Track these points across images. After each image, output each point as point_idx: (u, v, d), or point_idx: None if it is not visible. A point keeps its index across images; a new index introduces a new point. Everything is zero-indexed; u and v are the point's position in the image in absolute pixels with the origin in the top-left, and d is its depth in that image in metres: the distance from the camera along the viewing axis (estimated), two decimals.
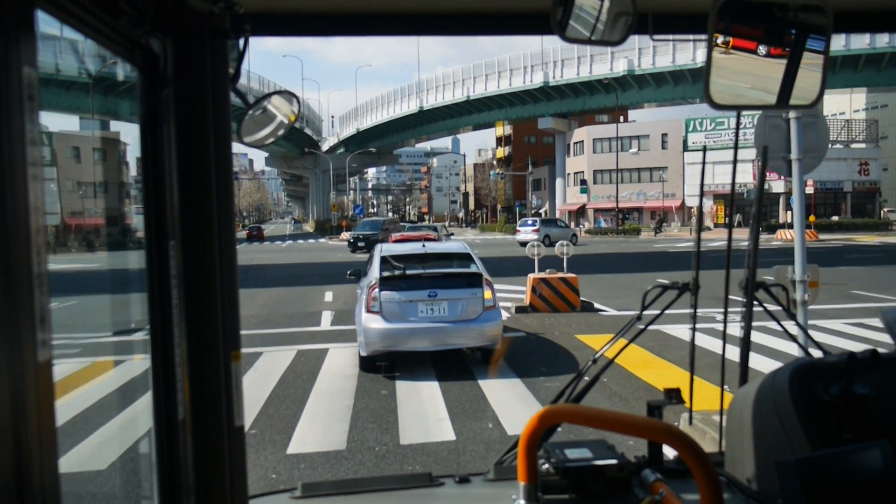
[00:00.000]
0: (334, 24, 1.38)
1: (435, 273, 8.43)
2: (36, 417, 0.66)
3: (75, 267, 22.46)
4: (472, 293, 8.29)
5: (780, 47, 1.19)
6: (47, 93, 33.27)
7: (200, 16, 1.09)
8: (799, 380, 1.36)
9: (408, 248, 9.64)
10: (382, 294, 8.15)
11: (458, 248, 9.72)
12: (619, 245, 38.26)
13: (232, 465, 1.14)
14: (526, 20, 1.39)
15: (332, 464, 5.40)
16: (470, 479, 1.56)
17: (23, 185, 0.66)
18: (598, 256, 27.71)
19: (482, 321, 8.22)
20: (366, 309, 8.23)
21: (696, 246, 1.95)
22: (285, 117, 1.32)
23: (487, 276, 8.65)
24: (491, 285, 8.57)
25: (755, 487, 1.43)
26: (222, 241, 1.12)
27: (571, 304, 13.22)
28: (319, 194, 79.42)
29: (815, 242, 36.12)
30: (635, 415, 1.13)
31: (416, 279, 8.27)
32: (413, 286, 8.22)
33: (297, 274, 23.72)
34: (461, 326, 8.17)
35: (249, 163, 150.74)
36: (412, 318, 8.13)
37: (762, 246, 8.39)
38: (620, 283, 18.05)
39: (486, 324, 8.23)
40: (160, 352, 1.08)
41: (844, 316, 11.88)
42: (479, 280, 8.41)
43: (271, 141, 1.35)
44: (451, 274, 8.51)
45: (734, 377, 1.82)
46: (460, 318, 8.20)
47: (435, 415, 6.66)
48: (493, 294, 8.51)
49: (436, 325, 8.14)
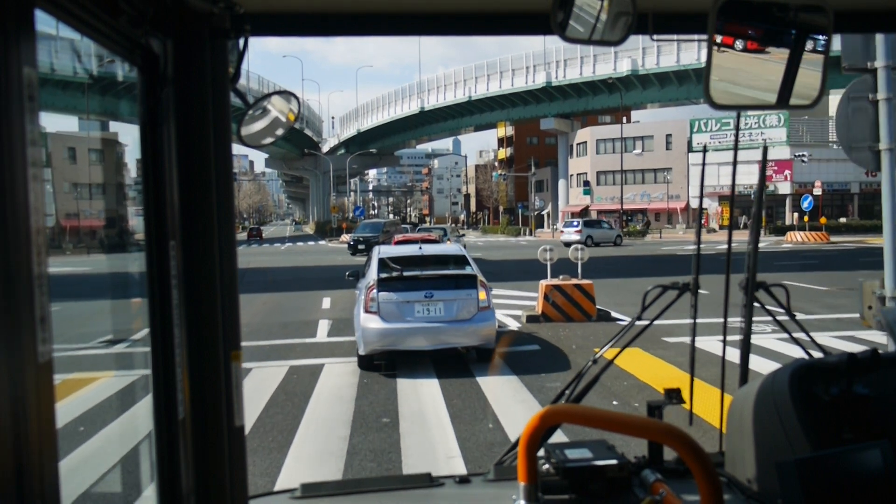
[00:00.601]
0: (334, 24, 1.39)
1: (431, 275, 8.72)
2: (36, 418, 0.67)
3: (73, 270, 21.98)
4: (466, 294, 8.59)
5: (780, 47, 1.21)
6: (44, 93, 33.37)
7: (200, 16, 1.10)
8: (799, 380, 1.37)
9: (405, 250, 10.08)
10: (380, 295, 8.44)
11: (453, 250, 10.27)
12: (625, 248, 37.56)
13: (232, 465, 1.15)
14: (526, 20, 1.40)
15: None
16: (470, 480, 1.58)
17: (23, 186, 0.67)
18: (606, 260, 26.90)
19: (477, 321, 8.52)
20: (364, 309, 8.49)
21: (696, 247, 1.97)
22: (285, 117, 1.34)
23: (482, 277, 8.97)
24: (486, 286, 8.88)
25: (755, 487, 1.44)
26: (222, 242, 1.13)
27: (587, 312, 12.43)
28: (320, 196, 79.38)
29: (826, 245, 35.74)
30: (635, 415, 1.14)
31: (412, 280, 8.58)
32: (410, 287, 8.53)
33: (295, 278, 23.09)
34: (456, 326, 8.46)
35: (250, 164, 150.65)
36: (409, 318, 8.41)
37: (774, 249, 8.19)
38: (633, 288, 16.73)
39: (480, 324, 8.53)
40: (160, 352, 1.10)
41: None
42: (473, 281, 8.73)
43: (271, 141, 1.36)
44: (446, 275, 8.82)
45: (734, 377, 1.85)
46: (456, 318, 8.49)
47: (445, 450, 5.93)
48: (488, 295, 8.83)
49: (432, 325, 8.42)
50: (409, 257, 9.33)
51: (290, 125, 1.36)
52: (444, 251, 10.43)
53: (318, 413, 7.20)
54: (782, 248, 32.78)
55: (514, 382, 8.07)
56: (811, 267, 22.45)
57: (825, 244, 36.29)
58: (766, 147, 1.95)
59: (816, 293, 15.79)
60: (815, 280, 17.98)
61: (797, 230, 40.92)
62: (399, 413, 7.06)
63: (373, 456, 5.84)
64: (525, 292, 15.62)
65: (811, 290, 16.21)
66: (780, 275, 18.32)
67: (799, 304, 13.58)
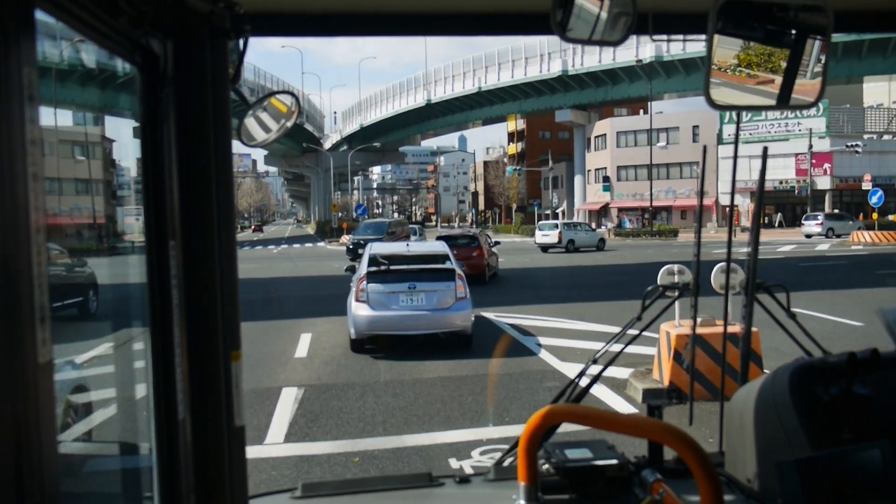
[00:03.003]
0: (334, 24, 1.45)
1: (414, 269, 10.36)
2: (36, 418, 0.70)
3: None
4: (445, 286, 10.17)
5: (780, 47, 1.28)
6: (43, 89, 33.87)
7: (200, 16, 1.14)
8: (799, 380, 1.43)
9: (393, 247, 11.88)
10: (369, 286, 10.02)
11: (437, 248, 11.86)
12: (663, 249, 32.56)
13: (232, 465, 1.19)
14: (526, 20, 1.47)
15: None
16: (470, 480, 1.65)
17: (23, 185, 0.70)
18: (644, 268, 20.47)
19: (454, 310, 10.12)
20: (355, 298, 10.11)
21: (696, 247, 2.05)
22: (285, 117, 1.42)
23: (460, 271, 10.56)
24: (463, 279, 10.44)
25: (755, 487, 1.50)
26: (222, 241, 1.18)
27: (745, 380, 7.08)
28: (321, 194, 78.76)
29: (893, 246, 32.44)
30: (635, 415, 1.21)
31: (398, 273, 10.19)
32: (396, 279, 10.12)
33: (271, 297, 17.77)
34: (436, 314, 10.05)
35: (253, 163, 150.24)
36: (394, 307, 10.00)
37: (844, 252, 7.96)
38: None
39: (458, 312, 10.15)
40: (160, 352, 1.14)
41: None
42: (452, 275, 10.35)
43: (271, 141, 1.44)
44: (427, 269, 10.42)
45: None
46: (436, 307, 10.07)
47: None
48: (465, 287, 10.35)
49: (414, 313, 10.03)
50: (397, 255, 10.91)
51: (291, 126, 1.44)
52: (429, 249, 11.95)
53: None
54: (852, 252, 28.93)
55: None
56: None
57: (892, 245, 32.76)
58: (765, 149, 2.03)
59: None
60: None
61: (865, 230, 37.32)
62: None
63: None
64: (598, 326, 11.79)
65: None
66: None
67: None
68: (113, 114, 7.53)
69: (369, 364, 9.73)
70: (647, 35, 1.42)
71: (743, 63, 1.28)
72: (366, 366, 9.64)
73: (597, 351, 2.09)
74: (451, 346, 10.43)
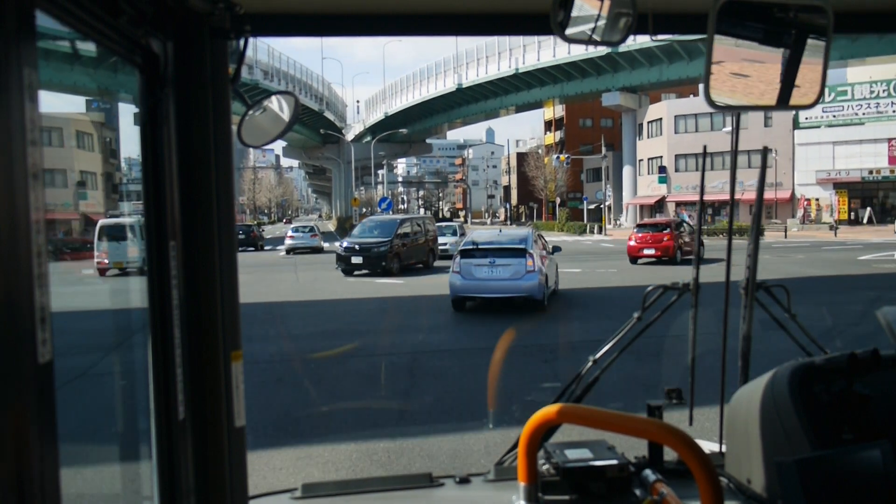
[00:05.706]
0: (334, 24, 1.51)
1: (495, 248, 14.75)
2: (36, 419, 0.73)
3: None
4: (518, 261, 14.34)
5: (780, 47, 1.35)
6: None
7: (200, 16, 1.20)
8: (799, 380, 1.49)
9: (486, 234, 16.48)
10: (462, 262, 14.63)
11: (521, 234, 16.13)
12: (781, 254, 26.55)
13: (232, 465, 1.26)
14: (526, 20, 1.53)
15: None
16: (470, 480, 1.72)
17: (23, 185, 0.73)
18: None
19: (525, 280, 14.28)
20: (452, 271, 14.85)
21: (696, 247, 2.16)
22: (285, 118, 1.47)
23: (531, 250, 14.47)
24: (532, 256, 14.35)
25: (755, 488, 1.56)
26: (222, 241, 1.24)
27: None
28: (343, 187, 75.48)
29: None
30: (635, 415, 1.32)
31: (483, 251, 14.69)
32: (481, 256, 14.59)
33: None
34: (510, 282, 14.33)
35: (276, 158, 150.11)
36: (479, 277, 14.46)
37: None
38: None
39: (527, 282, 14.23)
40: (160, 352, 1.19)
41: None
42: (523, 253, 14.47)
43: (271, 141, 1.56)
44: (504, 248, 14.73)
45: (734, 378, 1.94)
46: (510, 277, 14.31)
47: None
48: (535, 262, 14.30)
49: (493, 282, 14.39)
50: (488, 239, 15.36)
51: (291, 126, 1.57)
52: (513, 234, 16.24)
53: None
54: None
55: None
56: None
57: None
58: (766, 149, 2.12)
59: None
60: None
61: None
62: None
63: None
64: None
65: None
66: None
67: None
68: (113, 113, 7.75)
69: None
70: (647, 35, 1.54)
71: (743, 63, 1.40)
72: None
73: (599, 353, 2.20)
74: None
